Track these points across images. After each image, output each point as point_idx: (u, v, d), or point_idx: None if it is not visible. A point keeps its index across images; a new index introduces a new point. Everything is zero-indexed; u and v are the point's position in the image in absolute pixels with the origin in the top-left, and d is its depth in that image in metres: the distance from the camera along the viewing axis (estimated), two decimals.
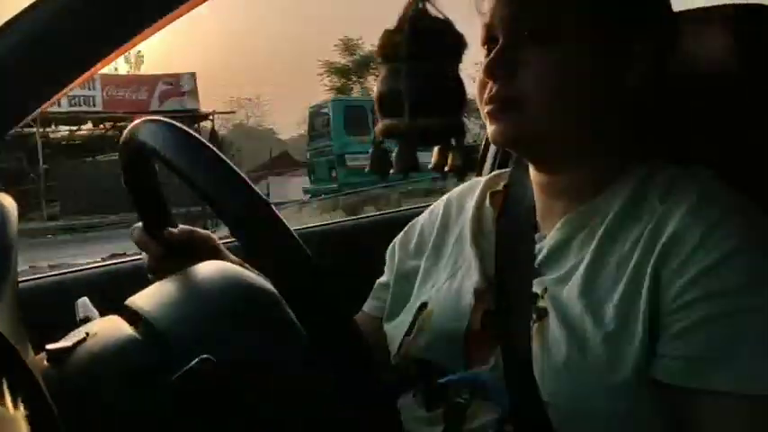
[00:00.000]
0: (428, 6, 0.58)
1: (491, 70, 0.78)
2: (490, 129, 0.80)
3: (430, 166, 0.72)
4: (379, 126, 0.63)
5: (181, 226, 0.92)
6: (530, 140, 0.80)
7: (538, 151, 0.83)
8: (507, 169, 1.01)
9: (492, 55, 0.79)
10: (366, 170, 0.68)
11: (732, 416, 0.67)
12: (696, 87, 0.88)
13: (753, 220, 0.71)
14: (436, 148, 0.67)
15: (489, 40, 0.82)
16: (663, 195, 0.76)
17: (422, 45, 0.57)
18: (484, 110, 0.81)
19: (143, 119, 0.68)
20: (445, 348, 0.84)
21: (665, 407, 0.70)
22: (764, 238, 0.70)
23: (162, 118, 0.66)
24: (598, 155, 0.82)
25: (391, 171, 0.67)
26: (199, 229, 0.95)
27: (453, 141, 0.70)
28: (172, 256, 0.89)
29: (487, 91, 0.79)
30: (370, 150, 0.67)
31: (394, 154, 0.62)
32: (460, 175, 0.74)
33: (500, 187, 0.96)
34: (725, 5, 0.92)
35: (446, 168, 0.73)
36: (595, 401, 0.70)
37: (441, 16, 0.59)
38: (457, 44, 0.58)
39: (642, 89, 0.80)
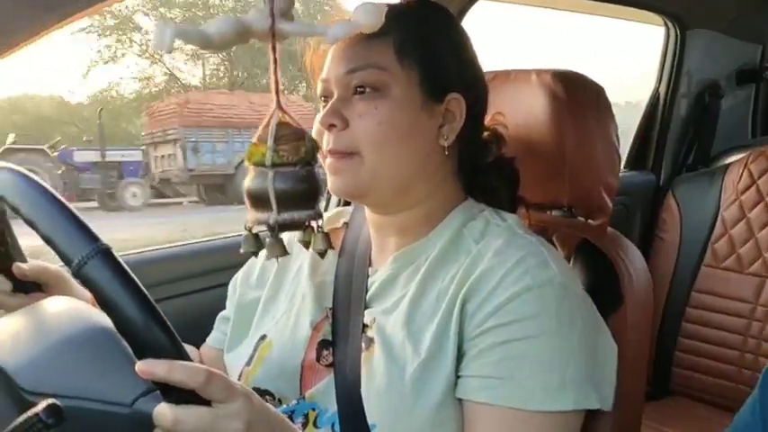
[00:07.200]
0: (287, 118, 0.65)
1: (327, 122, 0.86)
2: (329, 180, 0.88)
3: (298, 239, 0.80)
4: (250, 217, 0.73)
5: (31, 261, 0.91)
6: (365, 190, 0.88)
7: (371, 199, 0.91)
8: (345, 208, 1.10)
9: (327, 107, 0.87)
10: (241, 251, 0.79)
11: (509, 427, 0.78)
12: (511, 137, 0.99)
13: (544, 262, 0.83)
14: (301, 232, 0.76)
15: (326, 95, 0.89)
16: (478, 238, 0.87)
17: (283, 154, 0.64)
18: (325, 161, 0.88)
19: None
20: (283, 378, 0.91)
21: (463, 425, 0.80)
22: (550, 278, 0.81)
23: (10, 165, 0.70)
24: (425, 199, 0.90)
25: (265, 256, 0.77)
26: (50, 265, 0.94)
27: (315, 226, 0.80)
28: (20, 291, 0.92)
29: (325, 144, 0.87)
30: (244, 234, 0.78)
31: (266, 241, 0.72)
32: (322, 255, 0.82)
33: (339, 224, 1.03)
34: (545, 70, 1.04)
35: (310, 247, 0.82)
36: (412, 422, 0.79)
37: (298, 126, 0.66)
38: (313, 149, 0.66)
39: (457, 142, 0.90)
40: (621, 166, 2.15)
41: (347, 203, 1.26)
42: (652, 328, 1.05)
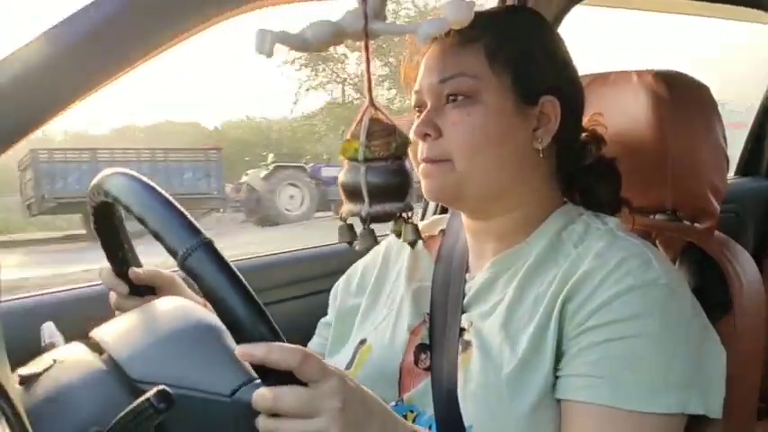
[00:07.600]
0: (379, 115, 0.67)
1: (421, 132, 0.87)
2: (423, 184, 0.89)
3: (390, 230, 0.83)
4: (344, 209, 0.76)
5: (146, 267, 0.97)
6: (456, 194, 0.88)
7: (464, 203, 0.91)
8: (442, 216, 1.10)
9: (422, 118, 0.87)
10: (336, 242, 0.83)
11: (608, 426, 0.76)
12: (612, 140, 0.96)
13: (647, 263, 0.82)
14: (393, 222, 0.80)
15: (419, 106, 0.90)
16: (577, 242, 0.86)
17: (374, 149, 0.67)
18: (418, 168, 0.89)
19: (107, 172, 0.77)
20: (382, 381, 0.91)
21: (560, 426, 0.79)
22: (653, 278, 0.79)
23: (123, 170, 0.76)
24: (520, 204, 0.90)
25: (356, 246, 0.80)
26: (163, 270, 0.99)
27: (405, 217, 0.82)
28: (136, 294, 0.97)
29: (419, 152, 0.88)
30: (339, 225, 0.82)
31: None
32: (412, 245, 0.84)
33: (435, 232, 1.04)
34: (646, 71, 1.02)
35: (401, 238, 0.84)
36: (508, 423, 0.79)
37: (390, 122, 0.68)
38: (404, 144, 0.69)
39: (554, 145, 0.89)
40: (732, 172, 2.05)
41: (444, 211, 1.27)
42: (766, 339, 0.99)
